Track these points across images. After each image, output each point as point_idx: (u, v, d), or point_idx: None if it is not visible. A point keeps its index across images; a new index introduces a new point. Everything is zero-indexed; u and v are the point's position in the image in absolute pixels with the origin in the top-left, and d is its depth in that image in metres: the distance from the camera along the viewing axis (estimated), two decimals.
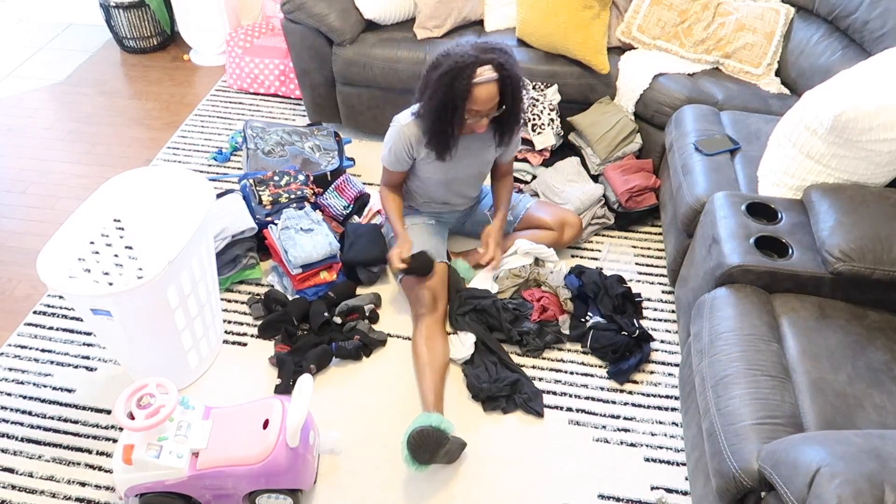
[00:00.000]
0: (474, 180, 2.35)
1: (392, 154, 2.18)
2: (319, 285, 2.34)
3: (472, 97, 1.94)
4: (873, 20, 2.34)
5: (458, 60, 1.91)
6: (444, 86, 1.93)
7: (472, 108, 1.97)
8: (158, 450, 1.64)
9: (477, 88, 1.93)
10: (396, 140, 2.15)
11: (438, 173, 2.24)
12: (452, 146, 2.10)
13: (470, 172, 2.29)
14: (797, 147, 1.97)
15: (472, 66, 1.90)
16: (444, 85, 1.93)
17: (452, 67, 1.91)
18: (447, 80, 1.92)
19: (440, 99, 1.95)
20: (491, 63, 1.92)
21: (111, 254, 2.09)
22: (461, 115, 1.99)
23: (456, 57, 1.92)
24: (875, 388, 1.56)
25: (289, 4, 2.77)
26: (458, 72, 1.90)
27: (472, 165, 2.27)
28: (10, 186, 2.92)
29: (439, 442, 1.80)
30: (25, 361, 2.19)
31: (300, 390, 1.69)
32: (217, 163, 3.02)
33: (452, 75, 1.91)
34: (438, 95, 1.95)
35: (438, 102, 1.96)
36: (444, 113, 1.98)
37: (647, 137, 2.75)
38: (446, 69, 1.92)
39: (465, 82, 1.91)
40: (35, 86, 3.57)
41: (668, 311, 2.39)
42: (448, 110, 1.97)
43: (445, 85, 1.93)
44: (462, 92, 1.92)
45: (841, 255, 1.72)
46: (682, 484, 1.91)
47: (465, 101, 1.94)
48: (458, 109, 1.97)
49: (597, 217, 2.63)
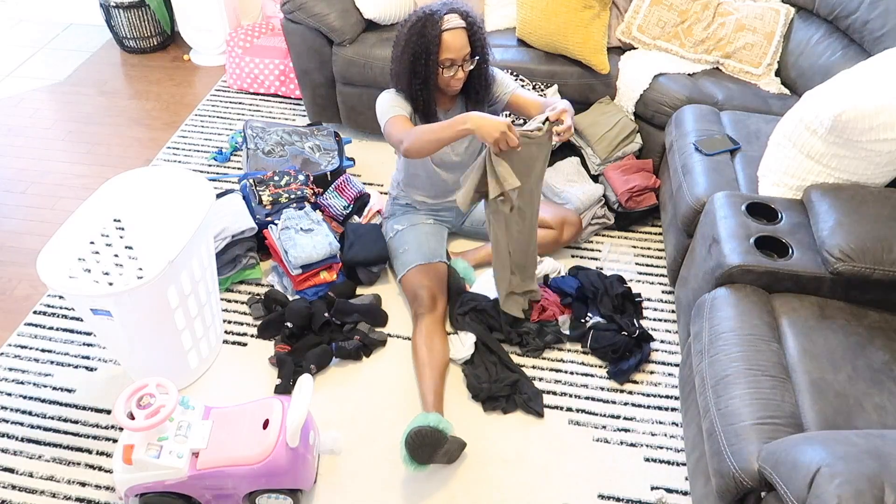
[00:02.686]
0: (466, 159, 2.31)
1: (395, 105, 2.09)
2: (319, 285, 2.34)
3: (444, 44, 1.98)
4: (873, 20, 2.34)
5: (427, 11, 1.99)
6: (416, 35, 1.99)
7: (445, 56, 2.00)
8: (158, 450, 1.64)
9: (447, 34, 1.98)
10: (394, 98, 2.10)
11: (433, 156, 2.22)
12: (434, 105, 2.11)
13: (461, 153, 2.27)
14: (797, 147, 1.97)
15: (438, 13, 1.98)
16: (416, 34, 1.99)
17: (421, 17, 1.99)
18: (418, 29, 1.98)
19: (413, 50, 2.00)
20: (457, 12, 2.01)
21: (111, 254, 2.09)
22: (435, 65, 2.02)
23: (424, 11, 2.00)
24: (875, 388, 1.56)
25: (289, 4, 2.77)
26: (426, 20, 1.98)
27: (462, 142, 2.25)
28: (10, 186, 2.92)
29: (438, 442, 1.80)
30: (25, 361, 2.19)
31: (300, 390, 1.69)
32: (217, 163, 3.02)
33: (422, 24, 1.98)
34: (411, 47, 2.00)
35: (412, 54, 2.01)
36: (418, 65, 2.02)
37: (647, 137, 2.75)
38: (415, 20, 2.00)
39: (435, 29, 1.97)
40: (35, 86, 3.57)
41: (668, 311, 2.39)
42: (420, 61, 2.01)
43: (417, 34, 1.98)
44: (433, 38, 1.97)
45: (841, 255, 1.72)
46: (682, 484, 1.91)
47: (437, 47, 1.98)
48: (432, 57, 2.00)
49: (597, 217, 2.63)
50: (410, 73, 2.04)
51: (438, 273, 2.27)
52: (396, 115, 2.06)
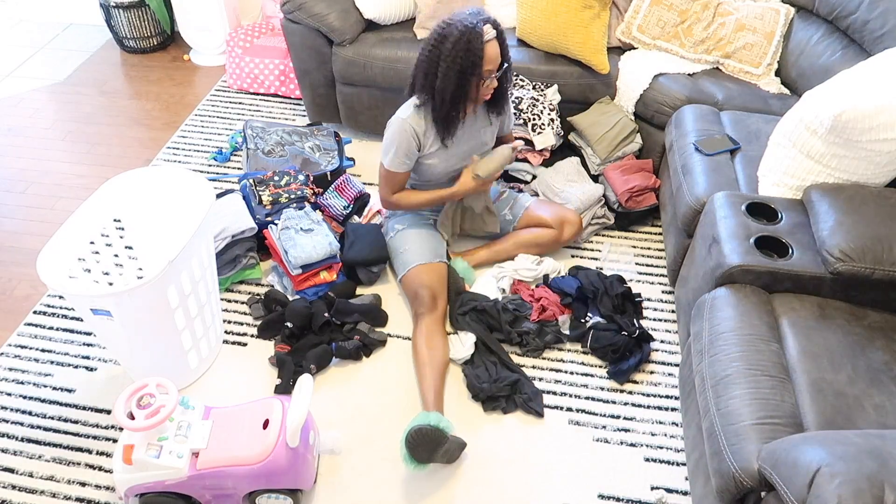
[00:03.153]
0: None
1: (399, 152, 2.17)
2: (319, 285, 2.34)
3: (487, 56, 2.02)
4: (873, 20, 2.34)
5: (467, 25, 1.99)
6: (462, 51, 1.99)
7: (486, 68, 2.04)
8: (158, 450, 1.64)
9: (488, 46, 2.01)
10: (401, 136, 2.15)
11: (442, 164, 2.25)
12: (458, 124, 2.15)
13: (467, 154, 2.30)
14: (797, 147, 1.97)
15: (479, 27, 1.99)
16: (462, 50, 1.99)
17: (464, 32, 1.98)
18: (463, 45, 1.98)
19: (459, 66, 2.01)
20: (489, 22, 2.02)
21: (111, 254, 2.09)
22: (479, 78, 2.05)
23: (461, 24, 2.00)
24: (875, 388, 1.56)
25: (289, 4, 2.77)
26: (469, 34, 1.98)
27: (472, 149, 2.29)
28: (10, 186, 2.92)
29: (438, 441, 1.80)
30: (25, 361, 2.19)
31: (300, 390, 1.69)
32: (217, 163, 3.02)
33: (466, 39, 1.98)
34: (458, 63, 2.01)
35: (458, 70, 2.02)
36: (462, 80, 2.04)
37: (647, 137, 2.75)
38: (458, 36, 1.98)
39: (479, 42, 1.99)
40: (35, 86, 3.57)
41: (668, 311, 2.39)
42: (467, 76, 2.03)
43: (462, 49, 1.99)
44: (479, 51, 1.99)
45: (841, 255, 1.72)
46: (682, 484, 1.91)
47: (482, 61, 2.01)
48: (476, 72, 2.03)
49: (597, 217, 2.63)
50: (455, 88, 2.05)
51: (439, 273, 2.27)
52: (398, 173, 2.22)
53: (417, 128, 2.15)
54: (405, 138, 2.15)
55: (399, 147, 2.16)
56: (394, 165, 2.20)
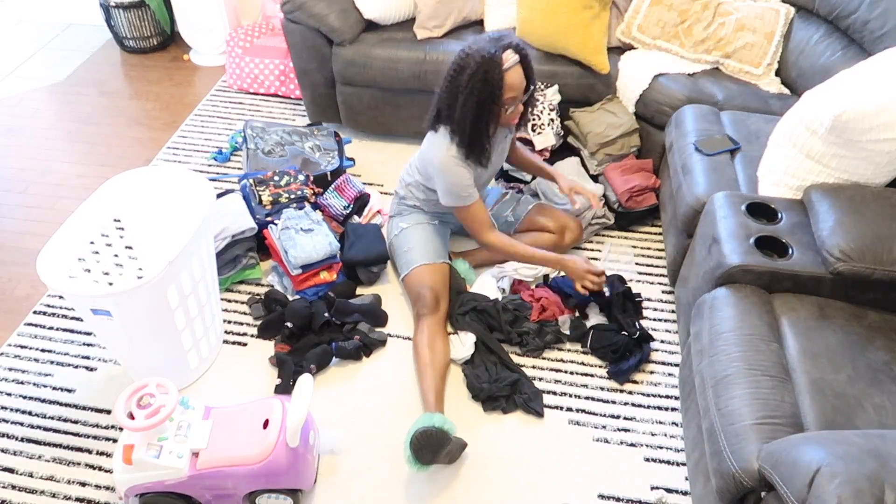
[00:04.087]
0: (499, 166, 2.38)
1: (462, 187, 2.10)
2: (319, 285, 2.34)
3: (507, 85, 1.96)
4: (873, 20, 2.34)
5: (484, 54, 1.92)
6: (479, 82, 1.94)
7: (508, 96, 1.99)
8: (158, 450, 1.64)
9: (508, 74, 1.95)
10: (455, 169, 2.07)
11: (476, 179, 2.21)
12: (489, 147, 2.10)
13: (496, 166, 2.30)
14: (797, 147, 1.97)
15: (498, 55, 1.93)
16: (479, 81, 1.94)
17: (481, 62, 1.92)
18: (480, 76, 1.93)
19: (478, 97, 1.96)
20: (510, 47, 1.96)
21: (111, 254, 2.09)
22: (499, 108, 2.00)
23: (479, 53, 1.93)
24: (875, 388, 1.56)
25: (289, 4, 2.77)
26: (487, 65, 1.92)
27: (499, 159, 2.28)
28: (10, 186, 2.92)
29: (442, 442, 1.80)
30: (25, 361, 2.19)
31: (300, 390, 1.69)
32: (217, 163, 3.02)
33: (485, 69, 1.92)
34: (475, 94, 1.96)
35: (477, 101, 1.97)
36: (482, 110, 1.98)
37: (647, 137, 2.75)
38: (475, 67, 1.93)
39: (498, 72, 1.93)
40: (35, 86, 3.57)
41: (668, 311, 2.39)
42: (486, 106, 1.98)
43: (480, 81, 1.94)
44: (498, 81, 1.94)
45: (841, 255, 1.72)
46: (682, 484, 1.91)
47: (501, 90, 1.96)
48: (497, 102, 1.98)
49: (597, 217, 2.63)
50: (475, 118, 1.99)
51: (442, 273, 2.27)
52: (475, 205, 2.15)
53: (460, 159, 2.08)
54: (459, 170, 2.07)
55: (458, 182, 2.09)
56: (467, 201, 2.13)
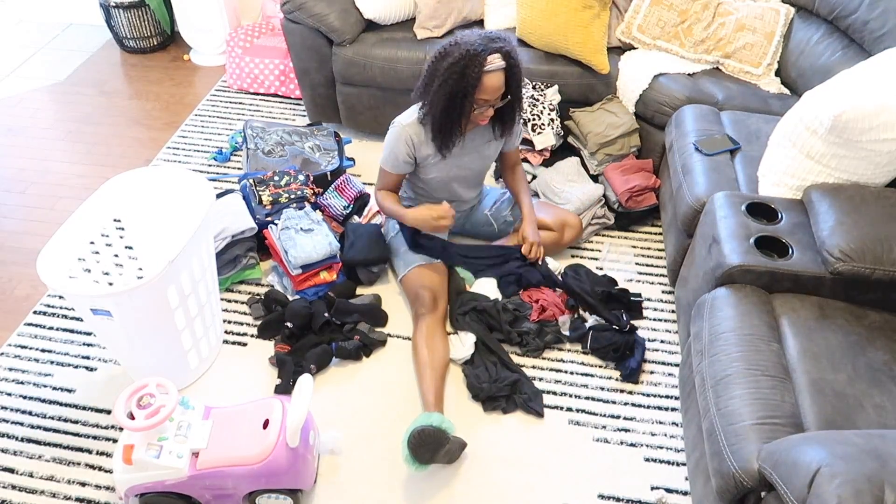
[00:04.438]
0: (476, 178, 2.36)
1: (392, 155, 2.18)
2: (319, 285, 2.34)
3: (482, 86, 1.95)
4: (873, 20, 2.34)
5: (469, 49, 1.92)
6: (456, 74, 1.93)
7: (480, 97, 1.98)
8: (158, 450, 1.64)
9: (487, 76, 1.94)
10: (397, 141, 2.14)
11: (441, 173, 2.24)
12: (457, 140, 2.10)
13: (472, 169, 2.29)
14: (797, 147, 1.97)
15: (483, 55, 1.91)
16: (456, 73, 1.93)
17: (463, 56, 1.92)
18: (458, 69, 1.93)
19: (450, 88, 1.95)
20: (499, 52, 1.94)
21: (111, 254, 2.09)
22: (469, 105, 1.99)
23: (466, 46, 1.93)
24: (875, 388, 1.56)
25: (289, 4, 2.77)
26: (469, 59, 1.91)
27: (475, 162, 2.27)
28: (10, 186, 2.92)
29: (440, 442, 1.80)
30: (25, 361, 2.19)
31: (300, 390, 1.69)
32: (217, 163, 3.02)
33: (464, 63, 1.92)
34: (449, 84, 1.95)
35: (448, 92, 1.96)
36: (452, 102, 1.98)
37: (647, 137, 2.75)
38: (457, 58, 1.92)
39: (477, 70, 1.92)
40: (35, 86, 3.57)
41: (668, 311, 2.39)
42: (457, 100, 1.97)
43: (457, 73, 1.93)
44: (473, 80, 1.93)
45: (841, 255, 1.72)
46: (682, 484, 1.91)
47: (475, 89, 1.95)
48: (468, 98, 1.97)
49: (597, 217, 2.63)
50: (444, 108, 2.00)
51: (440, 273, 2.27)
52: (389, 173, 2.21)
53: (415, 136, 2.13)
54: (399, 144, 2.14)
55: (392, 150, 2.17)
56: (386, 164, 2.21)
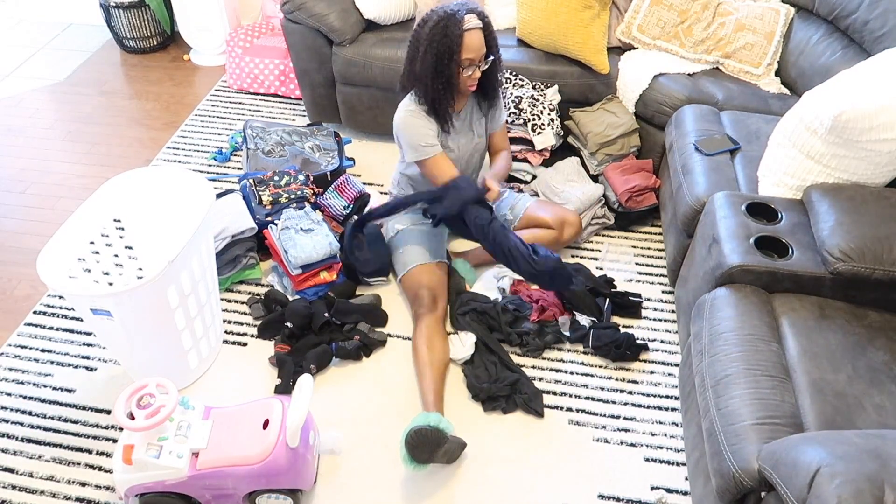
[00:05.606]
0: (475, 161, 2.38)
1: (418, 136, 2.15)
2: (319, 285, 2.34)
3: (465, 44, 2.03)
4: (873, 20, 2.34)
5: (447, 11, 2.03)
6: (438, 35, 2.02)
7: (465, 56, 2.05)
8: (158, 450, 1.64)
9: (468, 34, 2.03)
10: (412, 123, 2.16)
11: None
12: (451, 112, 2.17)
13: (468, 149, 2.31)
14: (797, 147, 1.97)
15: (459, 14, 2.02)
16: (438, 34, 2.02)
17: (442, 17, 2.03)
18: (440, 30, 2.02)
19: (435, 50, 2.04)
20: (474, 12, 2.05)
21: (111, 254, 2.09)
22: (457, 66, 2.06)
23: (442, 10, 2.03)
24: (875, 388, 1.56)
25: (289, 4, 2.77)
26: (448, 20, 2.02)
27: (469, 141, 2.31)
28: (10, 186, 2.92)
29: (438, 441, 1.80)
30: (25, 361, 2.19)
31: (300, 390, 1.69)
32: (217, 163, 3.02)
33: (444, 24, 2.02)
34: (433, 47, 2.04)
35: (434, 55, 2.04)
36: (440, 65, 2.05)
37: (647, 137, 2.75)
38: (436, 20, 2.03)
39: (457, 29, 2.01)
40: (35, 86, 3.57)
41: (668, 311, 2.39)
42: (444, 61, 2.04)
43: (439, 34, 2.02)
44: (456, 38, 2.02)
45: (841, 255, 1.72)
46: (682, 484, 1.91)
47: (459, 47, 2.03)
48: (454, 58, 2.04)
49: (597, 217, 2.63)
50: (433, 74, 2.07)
51: (439, 273, 2.27)
52: (436, 157, 2.16)
53: (420, 115, 2.17)
54: (416, 123, 2.16)
55: (414, 133, 2.16)
56: (420, 152, 2.17)
